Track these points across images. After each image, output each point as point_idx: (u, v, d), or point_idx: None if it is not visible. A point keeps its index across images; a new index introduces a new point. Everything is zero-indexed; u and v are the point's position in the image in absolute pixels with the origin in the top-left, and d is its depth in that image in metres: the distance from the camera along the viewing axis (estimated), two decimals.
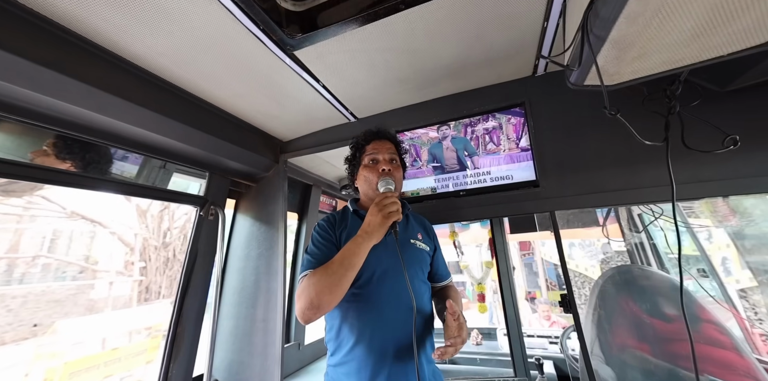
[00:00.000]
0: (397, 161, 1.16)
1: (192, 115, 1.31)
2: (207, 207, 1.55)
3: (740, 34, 0.64)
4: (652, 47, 0.70)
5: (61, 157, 1.15)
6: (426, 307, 1.05)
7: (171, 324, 1.39)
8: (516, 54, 1.27)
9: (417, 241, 1.11)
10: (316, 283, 0.88)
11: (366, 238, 0.91)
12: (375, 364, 0.92)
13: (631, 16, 0.62)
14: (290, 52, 1.12)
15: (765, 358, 1.62)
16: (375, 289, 0.98)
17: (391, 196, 0.95)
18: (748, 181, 1.05)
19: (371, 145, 1.17)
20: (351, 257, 0.90)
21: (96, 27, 0.93)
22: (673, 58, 0.74)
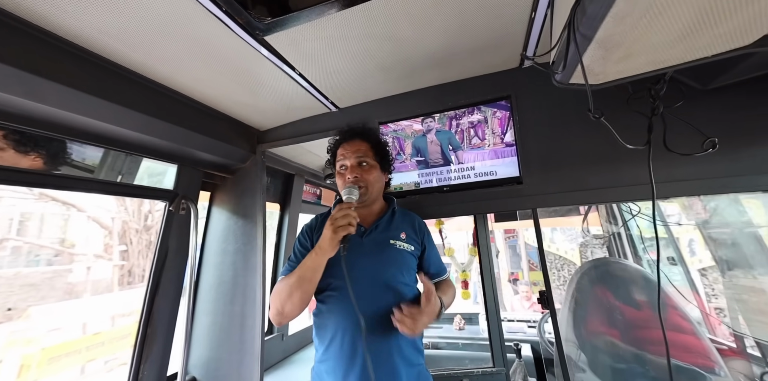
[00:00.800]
0: (368, 163, 1.11)
1: (152, 104, 1.19)
2: (177, 201, 1.47)
3: (725, 37, 0.64)
4: (639, 48, 0.70)
5: (22, 149, 1.04)
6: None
7: (140, 325, 1.34)
8: (503, 45, 1.20)
9: (398, 241, 1.08)
10: (281, 291, 0.97)
11: (319, 253, 0.93)
12: (347, 365, 0.95)
13: (618, 15, 0.60)
14: (260, 37, 1.01)
15: (719, 338, 1.79)
16: (341, 294, 1.00)
17: (345, 209, 0.93)
18: (723, 180, 1.08)
19: (340, 148, 1.15)
20: (305, 271, 0.95)
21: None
22: (659, 59, 0.75)
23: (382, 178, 1.17)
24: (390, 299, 1.00)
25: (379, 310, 0.97)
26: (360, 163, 1.10)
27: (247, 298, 1.51)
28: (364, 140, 1.15)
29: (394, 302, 0.99)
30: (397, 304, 0.98)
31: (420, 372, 1.03)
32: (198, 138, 1.39)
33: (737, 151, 1.06)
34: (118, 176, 1.33)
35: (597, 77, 0.83)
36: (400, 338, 0.99)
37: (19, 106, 0.92)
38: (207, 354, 1.54)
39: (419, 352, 1.06)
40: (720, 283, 1.89)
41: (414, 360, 1.02)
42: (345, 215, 0.91)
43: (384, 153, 1.18)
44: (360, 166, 1.10)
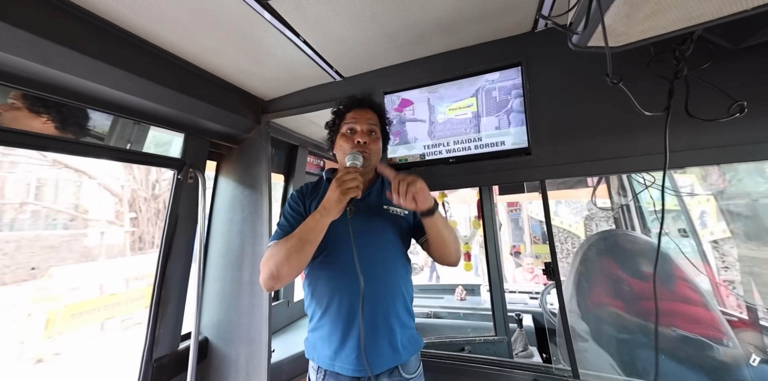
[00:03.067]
0: (376, 133, 1.13)
1: (158, 71, 1.17)
2: (185, 170, 1.48)
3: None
4: (668, 3, 0.62)
5: (35, 110, 1.05)
6: (396, 271, 1.05)
7: (154, 287, 1.41)
8: (515, 6, 1.12)
9: (391, 206, 1.10)
10: (276, 254, 0.93)
11: (324, 213, 0.92)
12: (344, 329, 0.97)
13: None
14: (264, 1, 0.96)
15: (729, 310, 1.79)
16: (340, 257, 1.01)
17: (352, 172, 0.92)
18: (749, 147, 1.00)
19: (351, 113, 1.13)
20: (308, 232, 0.93)
21: None
22: (691, 15, 0.66)
23: (381, 152, 1.18)
24: (386, 264, 1.03)
25: (376, 273, 0.99)
26: (370, 131, 1.11)
27: (254, 265, 1.57)
28: (375, 112, 1.16)
29: (391, 266, 1.03)
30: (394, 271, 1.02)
31: (412, 335, 1.06)
32: (204, 107, 1.37)
33: (765, 116, 0.99)
34: (127, 144, 1.34)
35: (619, 39, 0.76)
36: (397, 301, 1.02)
37: (29, 69, 0.92)
38: (218, 316, 1.63)
39: (411, 316, 1.09)
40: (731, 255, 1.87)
41: (407, 323, 1.05)
42: (354, 178, 0.90)
43: (386, 130, 1.21)
44: (369, 134, 1.10)
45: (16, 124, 1.00)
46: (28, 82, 0.96)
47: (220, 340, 1.61)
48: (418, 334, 1.10)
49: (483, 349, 1.38)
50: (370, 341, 0.95)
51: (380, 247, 1.03)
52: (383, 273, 1.01)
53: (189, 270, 1.53)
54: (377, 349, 0.96)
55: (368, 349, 0.93)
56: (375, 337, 0.96)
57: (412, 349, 1.04)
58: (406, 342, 1.02)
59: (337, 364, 0.97)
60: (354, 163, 1.00)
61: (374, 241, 1.03)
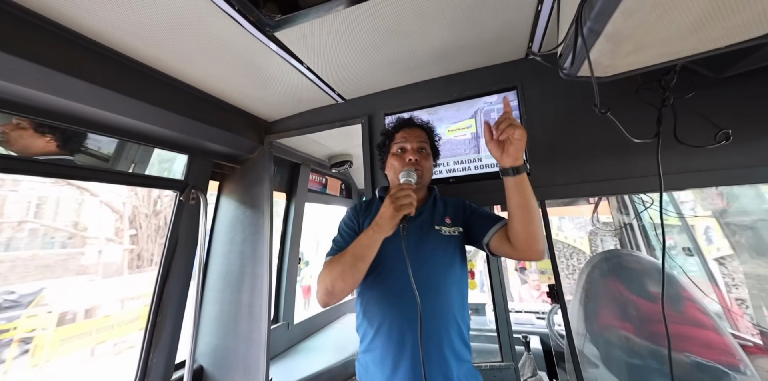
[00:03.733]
0: (426, 150, 1.12)
1: (165, 97, 1.21)
2: (188, 191, 1.49)
3: (740, 28, 0.62)
4: (649, 41, 0.67)
5: (40, 130, 1.08)
6: (450, 297, 0.97)
7: (150, 313, 1.38)
8: (509, 37, 1.18)
9: (443, 226, 1.05)
10: (331, 270, 0.92)
11: (377, 230, 0.89)
12: (395, 355, 0.92)
13: (627, 11, 0.58)
14: (270, 33, 1.01)
15: (743, 334, 1.71)
16: (392, 276, 0.97)
17: (406, 189, 0.90)
18: (740, 171, 1.03)
19: (400, 133, 1.14)
20: (361, 248, 0.90)
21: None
22: (671, 51, 0.72)
23: (432, 169, 1.17)
24: (439, 287, 0.96)
25: (428, 297, 0.92)
26: (420, 148, 1.11)
27: (255, 287, 1.55)
28: (423, 130, 1.17)
29: (443, 290, 0.96)
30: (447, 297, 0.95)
31: (469, 369, 0.97)
32: (209, 130, 1.40)
33: (754, 141, 1.02)
34: (131, 165, 1.36)
35: (606, 70, 0.80)
36: (451, 329, 0.94)
37: (40, 100, 0.96)
38: (214, 342, 1.58)
39: (467, 347, 0.99)
40: (740, 272, 1.82)
41: (463, 355, 0.96)
42: (408, 195, 0.88)
43: (436, 146, 1.20)
44: (420, 151, 1.11)
45: (20, 143, 1.02)
46: (38, 112, 1.00)
47: (215, 368, 1.56)
48: (475, 369, 1.01)
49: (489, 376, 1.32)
50: (432, 373, 0.89)
51: (432, 268, 0.98)
52: (435, 297, 0.94)
53: (186, 294, 1.51)
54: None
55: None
56: (428, 369, 0.88)
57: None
58: (462, 377, 0.93)
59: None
60: (408, 180, 0.97)
61: (426, 262, 0.98)
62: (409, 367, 0.89)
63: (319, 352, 2.07)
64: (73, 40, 0.95)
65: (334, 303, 0.96)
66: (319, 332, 2.45)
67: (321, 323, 2.56)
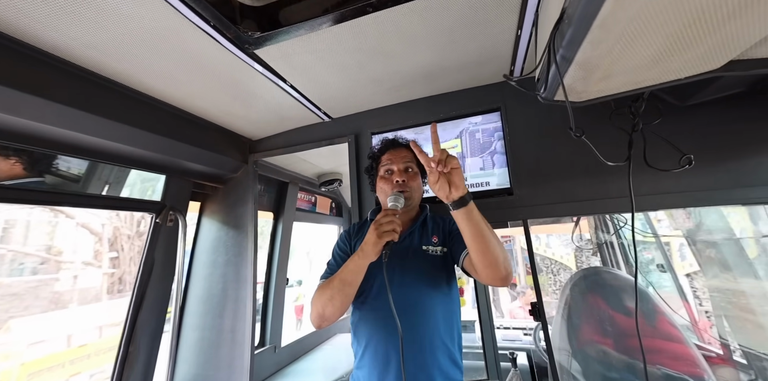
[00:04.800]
0: (413, 169, 1.13)
1: (139, 116, 1.18)
2: (165, 213, 1.44)
3: (695, 61, 0.68)
4: (617, 70, 0.72)
5: (4, 153, 1.02)
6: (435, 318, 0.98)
7: (121, 343, 1.30)
8: (491, 60, 1.22)
9: (431, 246, 1.07)
10: (321, 295, 0.96)
11: (361, 256, 0.92)
12: (381, 374, 0.95)
13: (594, 41, 0.62)
14: (249, 50, 1.01)
15: (706, 344, 1.81)
16: (378, 299, 0.99)
17: (390, 215, 0.91)
18: (702, 194, 1.10)
19: (386, 155, 1.15)
20: (348, 274, 0.94)
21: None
22: (636, 80, 0.77)
23: (422, 187, 1.17)
24: (424, 310, 0.97)
25: (412, 320, 0.95)
26: (406, 168, 1.12)
27: (238, 311, 1.48)
28: (409, 150, 1.16)
29: (429, 312, 0.97)
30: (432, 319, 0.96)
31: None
32: (187, 149, 1.37)
33: (714, 166, 1.09)
34: (104, 185, 1.31)
35: (580, 95, 0.84)
36: (437, 350, 0.95)
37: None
38: (194, 371, 1.50)
39: (458, 367, 1.00)
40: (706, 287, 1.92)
41: (453, 375, 0.97)
42: (390, 221, 0.89)
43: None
44: (406, 171, 1.11)
45: None
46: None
47: None
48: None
49: None
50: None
51: (417, 290, 0.99)
52: (420, 318, 0.96)
53: (163, 322, 1.43)
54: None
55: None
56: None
57: None
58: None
59: None
60: (395, 205, 0.97)
61: (411, 283, 1.00)
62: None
63: (307, 374, 1.98)
64: (33, 57, 0.91)
65: (327, 325, 0.99)
66: (307, 354, 2.36)
67: (310, 345, 2.46)
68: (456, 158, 0.84)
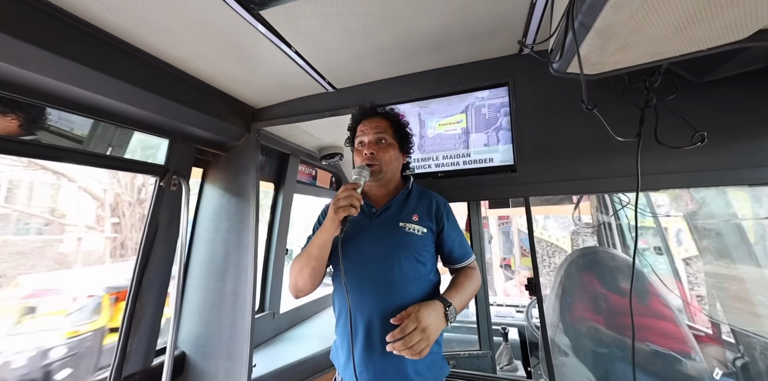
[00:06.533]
0: (387, 140, 1.08)
1: (141, 75, 1.14)
2: (169, 177, 1.45)
3: (721, 30, 0.64)
4: (637, 39, 0.69)
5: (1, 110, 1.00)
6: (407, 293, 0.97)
7: (128, 299, 1.35)
8: (503, 30, 1.16)
9: (408, 223, 1.02)
10: (293, 267, 1.02)
11: (323, 231, 0.94)
12: (349, 345, 0.97)
13: (617, 5, 0.59)
14: (254, 11, 0.97)
15: (697, 324, 1.89)
16: (352, 272, 0.99)
17: (349, 189, 0.90)
18: (712, 174, 1.08)
19: (360, 125, 1.13)
20: (313, 248, 0.97)
21: None
22: (656, 51, 0.74)
23: (400, 158, 1.13)
24: (395, 286, 0.96)
25: (384, 295, 0.95)
26: (378, 139, 1.07)
27: (239, 276, 1.53)
28: (384, 118, 1.13)
29: (400, 288, 0.96)
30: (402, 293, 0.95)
31: (433, 361, 0.98)
32: (191, 113, 1.35)
33: (725, 145, 1.07)
34: (108, 148, 1.30)
35: (594, 67, 0.81)
36: None
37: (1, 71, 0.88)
38: (197, 330, 1.57)
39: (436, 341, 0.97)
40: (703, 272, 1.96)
41: None
42: (348, 196, 0.88)
43: (404, 133, 1.15)
44: (378, 143, 1.07)
45: None
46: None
47: (198, 354, 1.55)
48: (443, 359, 1.02)
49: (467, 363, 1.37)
50: (377, 366, 0.92)
51: (390, 267, 0.97)
52: (391, 294, 0.96)
53: (168, 282, 1.48)
54: (385, 376, 0.92)
55: (377, 374, 0.92)
56: (383, 363, 0.92)
57: (431, 376, 0.96)
58: (422, 368, 0.95)
59: (347, 375, 0.97)
60: (357, 179, 0.96)
61: (384, 259, 0.98)
62: (361, 357, 0.94)
63: (304, 340, 2.08)
64: (38, 7, 0.88)
65: (303, 296, 1.05)
66: (305, 322, 2.46)
67: (308, 313, 2.57)
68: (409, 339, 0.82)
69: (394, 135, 1.11)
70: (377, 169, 1.03)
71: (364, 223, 1.04)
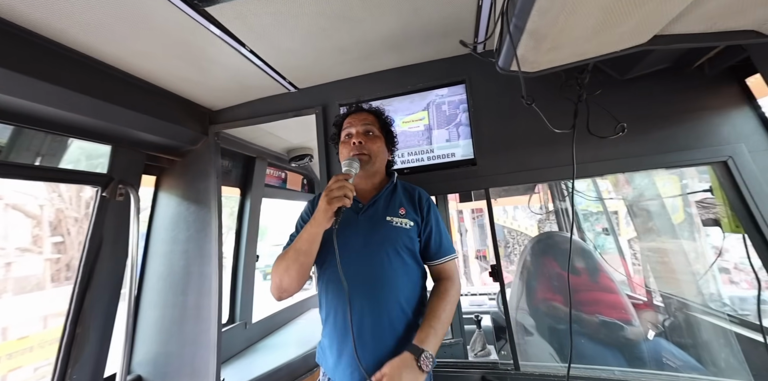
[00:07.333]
0: (374, 132, 1.09)
1: (70, 76, 1.04)
2: (113, 186, 1.33)
3: (627, 35, 0.75)
4: (563, 40, 0.76)
5: None
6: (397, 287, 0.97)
7: (66, 325, 1.21)
8: (455, 30, 1.22)
9: (395, 217, 1.02)
10: (278, 265, 0.95)
11: (313, 224, 0.91)
12: (340, 343, 0.95)
13: (542, 10, 0.65)
14: (199, 8, 0.93)
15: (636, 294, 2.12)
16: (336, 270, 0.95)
17: (341, 180, 0.89)
18: (634, 160, 1.21)
19: (347, 119, 1.13)
20: (302, 243, 0.92)
21: None
22: (580, 51, 0.83)
23: (386, 152, 1.13)
24: (384, 281, 0.96)
25: (374, 290, 0.95)
26: (367, 131, 1.08)
27: (202, 287, 1.45)
28: (371, 113, 1.15)
29: (388, 283, 0.96)
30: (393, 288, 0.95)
31: None
32: (136, 117, 1.26)
33: (642, 134, 1.21)
34: (35, 158, 1.16)
35: (532, 65, 0.88)
36: (397, 319, 0.95)
37: None
38: (155, 349, 1.46)
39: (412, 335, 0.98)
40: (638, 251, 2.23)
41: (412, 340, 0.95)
42: (341, 186, 0.87)
43: (388, 129, 1.16)
44: (366, 134, 1.07)
45: None
46: None
47: (157, 376, 1.44)
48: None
49: (441, 352, 1.41)
50: (371, 359, 0.90)
51: (379, 262, 0.97)
52: (380, 289, 0.95)
53: (117, 301, 1.35)
54: (377, 369, 0.89)
55: (369, 367, 0.89)
56: (376, 357, 0.90)
57: None
58: None
59: (338, 375, 0.95)
60: (348, 170, 0.95)
61: (373, 255, 0.98)
62: (351, 356, 0.90)
63: (279, 348, 2.02)
64: None
65: (287, 297, 0.98)
66: (280, 329, 2.39)
67: (282, 320, 2.48)
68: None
69: (381, 129, 1.13)
70: (366, 158, 1.03)
71: (352, 218, 1.03)
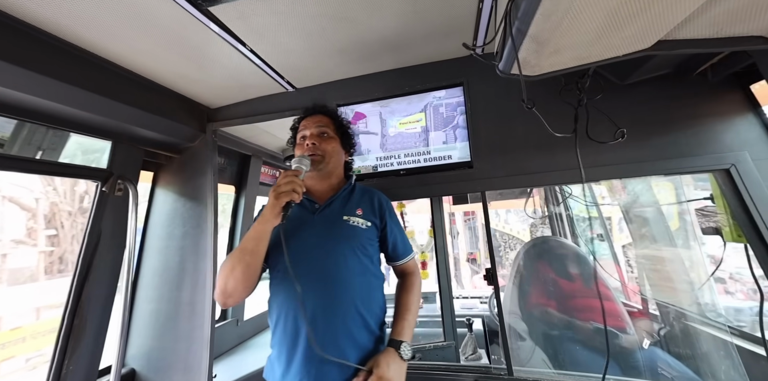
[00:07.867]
0: (328, 134, 1.10)
1: (73, 72, 1.05)
2: (112, 181, 1.34)
3: (630, 39, 0.75)
4: (565, 44, 0.77)
5: None
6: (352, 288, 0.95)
7: (64, 316, 1.21)
8: (455, 32, 1.22)
9: (352, 217, 1.03)
10: (223, 268, 0.90)
11: (261, 221, 0.88)
12: (289, 350, 0.91)
13: (545, 13, 0.65)
14: (203, 7, 0.94)
15: (631, 302, 2.11)
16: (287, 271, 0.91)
17: (290, 176, 0.88)
18: (633, 166, 1.22)
19: (302, 122, 1.14)
20: (248, 242, 0.89)
21: None
22: (582, 55, 0.83)
23: (341, 152, 1.14)
24: (339, 281, 0.94)
25: (327, 291, 0.92)
26: (321, 133, 1.09)
27: (197, 283, 1.46)
28: (325, 115, 1.16)
29: (344, 283, 0.94)
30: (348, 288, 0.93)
31: None
32: (136, 113, 1.27)
33: (644, 140, 1.21)
34: (37, 152, 1.17)
35: (533, 69, 0.89)
36: (351, 321, 0.92)
37: None
38: (149, 343, 1.46)
39: (373, 335, 0.97)
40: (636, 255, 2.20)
41: (367, 345, 0.94)
42: (289, 181, 0.86)
43: (344, 130, 1.17)
44: (320, 135, 1.09)
45: None
46: None
47: (150, 370, 1.45)
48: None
49: (432, 355, 1.41)
50: (319, 365, 0.87)
51: (334, 260, 0.95)
52: (334, 290, 0.93)
53: (113, 294, 1.36)
54: (326, 375, 0.88)
55: (317, 374, 0.87)
56: (325, 361, 0.87)
57: None
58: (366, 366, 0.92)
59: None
60: (299, 167, 0.94)
61: (328, 253, 0.96)
62: (302, 362, 0.89)
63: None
64: None
65: (232, 304, 0.92)
66: None
67: None
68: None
69: (336, 130, 1.14)
70: (318, 158, 1.03)
71: (307, 218, 1.02)
